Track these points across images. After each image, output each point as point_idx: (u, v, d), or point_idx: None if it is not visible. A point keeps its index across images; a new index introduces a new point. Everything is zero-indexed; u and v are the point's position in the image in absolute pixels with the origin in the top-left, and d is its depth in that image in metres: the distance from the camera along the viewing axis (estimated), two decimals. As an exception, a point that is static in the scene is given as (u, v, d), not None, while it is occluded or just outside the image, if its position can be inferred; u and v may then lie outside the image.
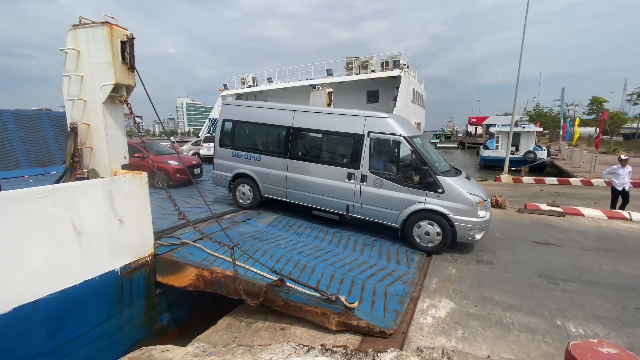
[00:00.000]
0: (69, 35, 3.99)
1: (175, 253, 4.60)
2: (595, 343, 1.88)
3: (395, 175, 5.59)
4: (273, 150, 6.81)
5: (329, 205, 6.19)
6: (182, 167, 9.40)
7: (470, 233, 5.22)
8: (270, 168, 6.68)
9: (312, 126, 6.38)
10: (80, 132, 4.10)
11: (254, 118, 7.01)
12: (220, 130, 7.39)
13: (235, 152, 7.13)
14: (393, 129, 5.64)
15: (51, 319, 3.40)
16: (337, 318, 3.49)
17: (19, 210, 3.10)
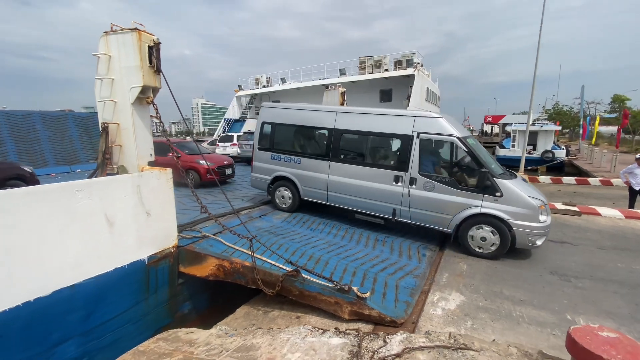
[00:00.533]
0: (101, 41, 4.30)
1: (197, 245, 4.86)
2: (595, 328, 1.98)
3: (448, 178, 5.37)
4: (314, 152, 6.72)
5: (374, 208, 6.01)
6: (212, 168, 9.22)
7: (531, 239, 4.95)
8: (311, 171, 6.59)
9: (355, 127, 6.22)
10: (111, 131, 4.41)
11: (293, 120, 6.92)
12: (259, 132, 7.33)
13: (274, 155, 7.08)
14: (445, 130, 5.39)
15: (86, 302, 3.70)
16: (349, 307, 3.66)
17: (59, 202, 3.41)
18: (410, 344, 2.39)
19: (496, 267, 4.96)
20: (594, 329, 1.97)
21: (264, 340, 2.75)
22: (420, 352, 2.29)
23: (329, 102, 10.70)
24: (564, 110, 42.77)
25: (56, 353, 3.51)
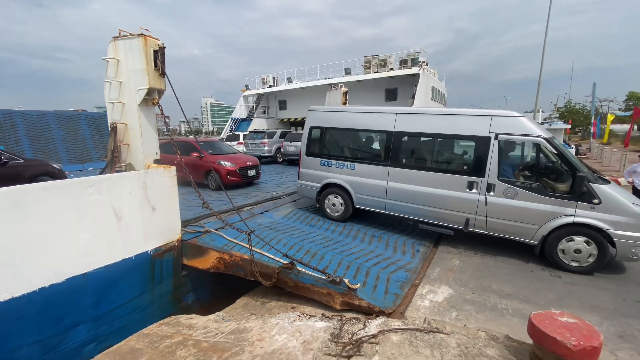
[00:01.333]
0: (110, 46, 4.58)
1: (199, 239, 5.13)
2: (556, 314, 2.14)
3: (534, 184, 4.82)
4: (370, 157, 6.31)
5: (442, 218, 5.50)
6: (234, 169, 9.08)
7: (635, 251, 4.44)
8: (367, 177, 6.15)
9: (420, 129, 5.69)
10: (119, 130, 4.69)
11: (346, 124, 6.53)
12: (307, 137, 6.91)
13: (324, 161, 6.68)
14: (529, 130, 4.85)
15: (96, 290, 3.99)
16: (341, 298, 3.86)
17: (71, 196, 3.69)
18: (386, 326, 2.58)
19: (488, 263, 5.09)
20: (554, 315, 2.12)
21: (255, 324, 2.98)
22: (394, 334, 2.48)
23: (331, 101, 10.89)
24: (576, 109, 41.96)
25: (68, 336, 3.80)
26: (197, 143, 9.63)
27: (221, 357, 2.53)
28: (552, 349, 1.93)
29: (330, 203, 6.75)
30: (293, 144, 14.77)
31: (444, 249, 5.63)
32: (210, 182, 9.17)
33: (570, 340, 1.88)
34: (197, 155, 9.13)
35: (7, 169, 7.02)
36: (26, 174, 7.23)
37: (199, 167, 9.06)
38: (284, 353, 2.46)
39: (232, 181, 9.09)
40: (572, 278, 4.63)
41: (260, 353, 2.50)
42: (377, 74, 19.47)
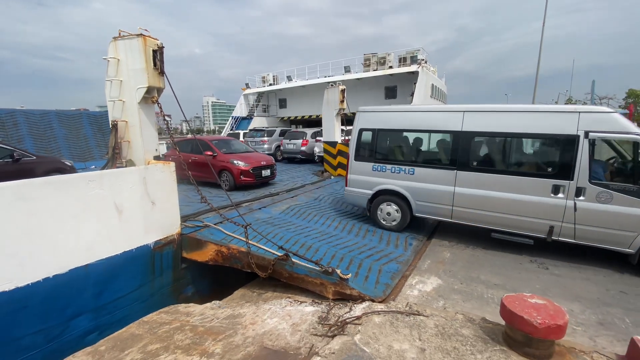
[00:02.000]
0: (111, 46, 4.73)
1: (198, 233, 5.29)
2: (527, 296, 2.28)
3: (633, 187, 4.41)
4: (433, 161, 5.82)
5: (520, 226, 5.07)
6: (247, 169, 8.72)
7: None
8: (429, 182, 5.64)
9: (492, 129, 5.21)
10: (120, 128, 4.85)
11: (402, 124, 6.05)
12: (356, 141, 6.42)
13: (377, 166, 6.19)
14: (626, 127, 4.41)
15: (98, 281, 4.16)
16: (333, 288, 4.00)
17: (74, 191, 3.86)
18: (369, 309, 2.73)
19: (478, 255, 5.23)
20: (524, 297, 2.26)
21: (249, 310, 3.14)
22: (377, 316, 2.63)
23: (329, 99, 11.03)
24: (577, 106, 41.83)
25: (71, 325, 3.97)
26: (212, 141, 9.40)
27: (215, 339, 2.69)
28: (519, 327, 2.07)
29: (384, 212, 6.20)
30: (292, 141, 14.91)
31: (436, 242, 5.78)
32: (224, 182, 8.90)
33: (536, 319, 2.02)
34: (211, 154, 8.96)
35: (21, 166, 7.25)
36: (38, 170, 7.47)
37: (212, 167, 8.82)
38: (273, 334, 2.61)
39: (245, 181, 8.71)
40: (559, 270, 4.77)
41: (252, 335, 2.66)
42: (377, 71, 19.54)
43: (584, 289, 4.26)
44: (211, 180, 8.80)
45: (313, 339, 2.56)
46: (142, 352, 2.75)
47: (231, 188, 8.70)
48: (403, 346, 2.44)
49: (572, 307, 3.80)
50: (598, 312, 3.76)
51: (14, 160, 7.11)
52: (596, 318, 3.65)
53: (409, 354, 2.37)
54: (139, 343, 2.93)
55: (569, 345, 2.50)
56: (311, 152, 14.47)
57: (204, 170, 8.56)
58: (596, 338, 3.24)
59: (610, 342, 3.18)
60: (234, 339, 2.68)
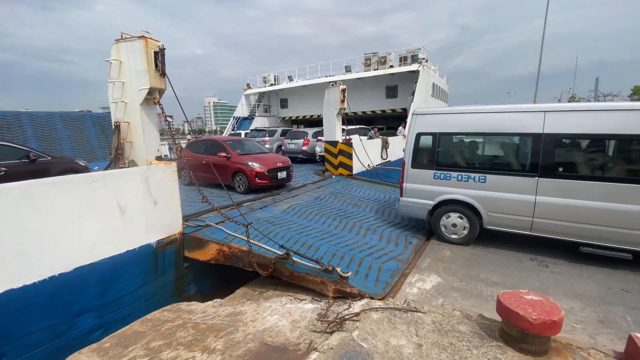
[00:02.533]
0: (113, 48, 4.80)
1: (200, 232, 5.35)
2: (523, 292, 2.31)
3: None
4: (509, 167, 5.25)
5: (619, 239, 4.57)
6: (262, 171, 8.35)
7: None
8: (505, 191, 5.12)
9: (583, 130, 4.68)
10: (122, 129, 4.92)
11: (469, 127, 5.49)
12: (413, 147, 5.85)
13: (439, 174, 5.63)
14: None
15: (102, 279, 4.23)
16: (333, 286, 4.04)
17: (78, 190, 3.93)
18: (368, 306, 2.77)
19: (478, 254, 5.25)
20: (520, 293, 2.29)
21: (250, 308, 3.19)
22: (375, 312, 2.67)
23: (330, 99, 11.05)
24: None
25: (76, 323, 4.04)
26: (226, 142, 9.15)
27: (217, 336, 2.74)
28: (515, 323, 2.10)
29: (448, 223, 5.66)
30: (294, 141, 14.96)
31: (436, 240, 5.80)
32: (238, 185, 8.61)
33: (531, 315, 2.05)
34: (225, 156, 8.68)
35: (36, 166, 7.41)
36: (53, 171, 7.63)
37: (226, 168, 8.65)
38: (273, 331, 2.66)
39: (260, 184, 8.33)
40: (559, 268, 4.78)
41: (253, 331, 2.71)
42: (377, 71, 19.56)
43: (585, 287, 4.26)
44: (226, 182, 8.56)
45: (312, 335, 2.60)
46: (145, 348, 2.80)
47: (246, 191, 8.38)
48: (400, 342, 2.48)
49: (572, 305, 3.80)
50: (599, 310, 3.75)
51: (30, 161, 7.27)
52: (597, 316, 3.65)
53: (406, 349, 2.41)
54: (142, 340, 2.99)
55: (565, 342, 2.53)
56: (312, 152, 14.52)
57: (219, 172, 8.47)
58: (596, 336, 3.25)
59: (610, 340, 3.19)
60: (234, 335, 2.73)
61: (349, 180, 10.81)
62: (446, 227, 5.71)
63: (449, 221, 5.66)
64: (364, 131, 14.75)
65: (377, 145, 13.34)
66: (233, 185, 8.64)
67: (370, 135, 14.85)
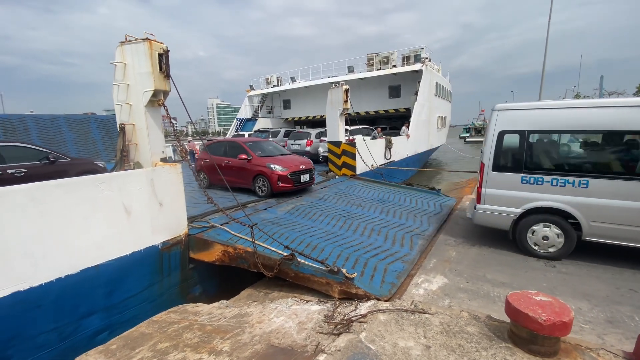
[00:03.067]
0: (118, 50, 4.82)
1: (205, 234, 5.36)
2: (532, 293, 2.28)
3: None
4: (619, 169, 4.59)
5: None
6: (285, 174, 7.92)
7: None
8: (613, 198, 4.50)
9: None
10: (127, 131, 4.94)
11: (567, 124, 4.79)
12: (495, 147, 5.20)
13: (528, 177, 4.98)
14: None
15: (108, 281, 4.24)
16: (339, 287, 4.03)
17: (84, 192, 3.94)
18: (375, 308, 2.75)
19: (484, 254, 5.22)
20: (529, 294, 2.27)
21: (256, 309, 3.18)
22: (382, 314, 2.65)
23: (333, 99, 11.04)
24: (585, 102, 41.30)
25: (82, 324, 4.06)
26: (246, 144, 8.80)
27: (223, 337, 2.74)
28: (525, 324, 2.07)
29: (538, 235, 5.02)
30: (297, 142, 14.96)
31: (442, 240, 5.77)
32: (260, 189, 8.22)
33: (541, 316, 2.03)
34: (245, 158, 8.29)
35: (56, 167, 7.49)
36: (73, 171, 7.72)
37: (246, 171, 8.33)
38: (280, 332, 2.65)
39: (283, 188, 7.90)
40: (567, 268, 4.73)
41: (259, 333, 2.70)
42: (380, 71, 19.53)
43: (593, 287, 4.22)
44: (247, 186, 8.41)
45: (319, 336, 2.59)
46: (152, 350, 2.81)
47: (268, 195, 7.99)
48: (408, 343, 2.47)
49: (580, 305, 3.77)
50: (607, 310, 3.72)
51: (50, 162, 7.35)
52: (605, 316, 3.62)
53: (414, 351, 2.39)
54: (149, 342, 2.99)
55: (575, 343, 2.50)
56: (316, 152, 14.51)
57: (239, 174, 8.36)
58: (604, 336, 3.22)
59: (619, 340, 3.16)
60: (241, 337, 2.73)
61: (353, 180, 10.79)
62: (535, 239, 5.06)
63: (538, 232, 5.01)
64: (367, 131, 14.73)
65: (381, 146, 13.31)
66: (254, 188, 8.28)
67: (373, 135, 14.82)
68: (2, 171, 6.39)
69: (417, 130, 17.10)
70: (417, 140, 17.48)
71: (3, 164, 6.54)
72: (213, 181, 8.88)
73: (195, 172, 8.20)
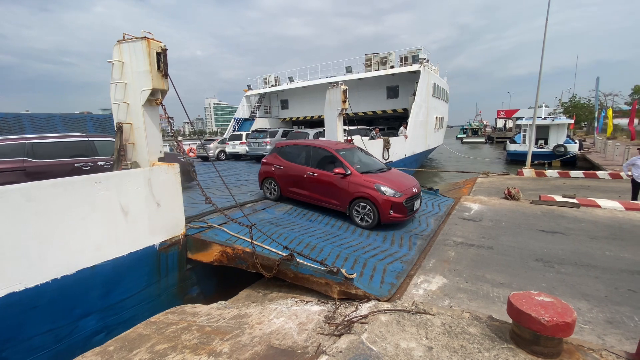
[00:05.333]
0: (115, 49, 4.77)
1: (203, 234, 5.31)
2: (534, 294, 2.27)
3: None
4: None
5: None
6: (400, 201, 5.94)
7: None
8: None
9: None
10: (125, 130, 4.88)
11: None
12: None
13: None
14: None
15: (105, 282, 4.19)
16: (338, 287, 4.01)
17: (81, 192, 3.89)
18: (376, 308, 2.73)
19: (483, 254, 5.21)
20: (531, 295, 2.26)
21: (255, 310, 3.15)
22: (383, 314, 2.63)
23: (331, 100, 11.01)
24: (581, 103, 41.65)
25: (79, 326, 4.01)
26: (339, 152, 6.78)
27: (223, 338, 2.71)
28: (527, 325, 2.06)
29: None
30: None
31: (441, 241, 5.76)
32: (360, 216, 6.22)
33: (544, 317, 2.02)
34: (342, 173, 6.31)
35: None
36: None
37: (341, 191, 6.37)
38: (280, 333, 2.62)
39: (394, 218, 5.98)
40: (565, 268, 4.74)
41: (259, 334, 2.67)
42: (378, 71, 19.55)
43: (592, 287, 4.22)
44: (338, 208, 6.56)
45: (320, 338, 2.57)
46: (150, 352, 2.77)
47: (373, 225, 6.07)
48: (410, 344, 2.45)
49: (579, 306, 3.77)
50: (606, 311, 3.72)
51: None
52: (604, 316, 3.62)
53: (416, 352, 2.38)
54: (147, 343, 2.95)
55: (577, 343, 2.49)
56: (314, 153, 14.45)
57: (329, 193, 6.56)
58: (604, 336, 3.22)
59: (619, 341, 3.16)
60: (241, 338, 2.70)
61: (351, 180, 10.75)
62: None
63: None
64: (365, 132, 14.73)
65: (379, 146, 13.31)
66: (350, 214, 6.35)
67: (371, 135, 14.82)
68: (93, 163, 6.83)
69: (415, 130, 17.14)
70: (415, 141, 17.51)
71: (95, 156, 6.97)
72: (286, 193, 7.50)
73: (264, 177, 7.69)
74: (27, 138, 6.57)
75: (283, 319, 2.83)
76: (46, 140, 6.66)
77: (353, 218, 6.36)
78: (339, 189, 6.41)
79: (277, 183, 7.54)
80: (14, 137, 7.01)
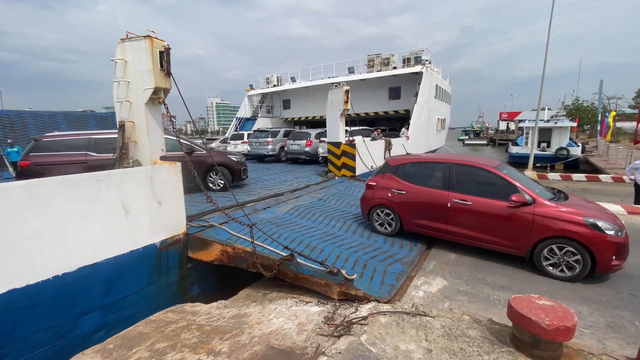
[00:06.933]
0: (118, 47, 4.78)
1: (204, 233, 5.32)
2: (535, 297, 2.27)
3: None
4: None
5: None
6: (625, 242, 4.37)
7: None
8: None
9: None
10: (127, 128, 4.90)
11: None
12: None
13: None
14: None
15: (106, 279, 4.19)
16: (338, 288, 4.00)
17: (82, 190, 3.90)
18: (375, 310, 2.73)
19: (484, 257, 5.20)
20: (532, 298, 2.25)
21: (255, 310, 3.15)
22: (383, 316, 2.63)
23: (333, 100, 11.02)
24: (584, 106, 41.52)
25: (79, 323, 4.01)
26: (502, 171, 4.97)
27: (222, 338, 2.71)
28: (527, 329, 2.05)
29: None
30: (296, 142, 14.93)
31: (441, 244, 5.74)
32: (559, 266, 4.48)
33: (544, 320, 2.01)
34: (520, 202, 4.55)
35: (193, 157, 7.61)
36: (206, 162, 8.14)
37: (516, 227, 4.67)
38: (280, 333, 2.63)
39: (615, 267, 4.33)
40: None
41: (259, 334, 2.68)
42: (380, 72, 19.53)
43: (593, 291, 4.21)
44: (511, 252, 4.83)
45: (319, 338, 2.57)
46: (149, 350, 2.77)
47: (579, 277, 4.36)
48: (409, 347, 2.44)
49: (580, 310, 3.76)
50: (607, 315, 3.71)
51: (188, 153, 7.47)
52: (605, 321, 3.61)
53: (416, 354, 2.37)
54: (146, 341, 2.96)
55: (577, 347, 2.48)
56: (315, 153, 14.48)
57: (495, 230, 4.82)
58: (605, 341, 3.21)
59: (619, 345, 3.14)
60: (240, 338, 2.70)
61: (352, 181, 10.77)
62: None
63: None
64: (367, 132, 14.72)
65: (380, 147, 13.30)
66: (540, 262, 4.55)
67: (373, 136, 14.82)
68: None
69: (417, 132, 17.12)
70: (417, 142, 17.48)
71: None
72: (410, 227, 5.72)
73: (374, 205, 5.95)
74: (92, 133, 6.90)
75: (282, 319, 2.84)
76: (105, 136, 6.90)
77: (542, 267, 4.56)
78: (512, 223, 4.68)
79: (395, 213, 5.81)
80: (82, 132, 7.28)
